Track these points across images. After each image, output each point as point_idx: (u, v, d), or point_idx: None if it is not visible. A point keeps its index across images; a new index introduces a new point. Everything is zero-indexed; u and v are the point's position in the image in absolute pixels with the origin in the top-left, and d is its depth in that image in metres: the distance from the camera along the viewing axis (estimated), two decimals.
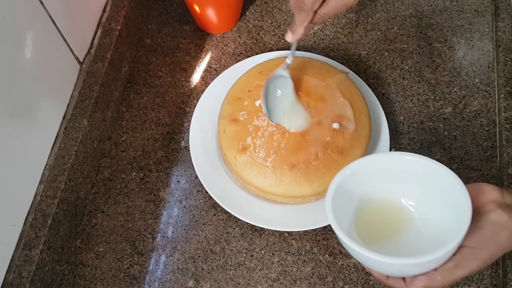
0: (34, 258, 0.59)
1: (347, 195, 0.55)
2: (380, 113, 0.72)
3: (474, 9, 0.84)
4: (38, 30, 0.61)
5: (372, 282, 0.63)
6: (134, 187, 0.71)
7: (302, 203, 0.66)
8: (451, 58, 0.79)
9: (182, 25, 0.85)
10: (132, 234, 0.68)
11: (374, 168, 0.57)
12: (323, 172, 0.64)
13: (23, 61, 0.59)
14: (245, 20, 0.85)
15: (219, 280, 0.64)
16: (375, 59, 0.80)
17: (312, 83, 0.68)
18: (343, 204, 0.54)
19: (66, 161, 0.65)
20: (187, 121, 0.76)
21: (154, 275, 0.65)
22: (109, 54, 0.73)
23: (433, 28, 0.82)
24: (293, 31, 0.59)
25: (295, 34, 0.59)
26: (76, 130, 0.67)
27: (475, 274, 0.63)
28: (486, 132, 0.72)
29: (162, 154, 0.74)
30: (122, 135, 0.75)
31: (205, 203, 0.70)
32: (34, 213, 0.62)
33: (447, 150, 0.72)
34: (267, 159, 0.64)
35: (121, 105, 0.78)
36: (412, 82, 0.78)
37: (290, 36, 0.60)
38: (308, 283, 0.64)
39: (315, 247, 0.66)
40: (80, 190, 0.68)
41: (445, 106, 0.75)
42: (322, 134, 0.64)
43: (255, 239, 0.67)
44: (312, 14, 0.56)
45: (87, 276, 0.66)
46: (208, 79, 0.80)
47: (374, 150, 0.69)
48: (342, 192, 0.54)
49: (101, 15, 0.77)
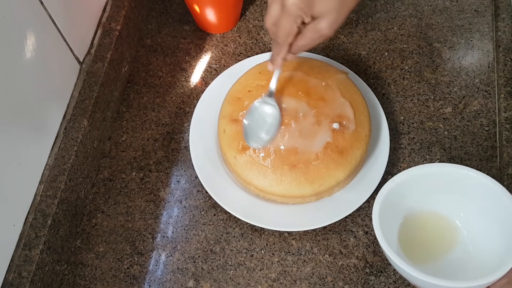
0: (34, 258, 0.59)
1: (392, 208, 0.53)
2: (380, 113, 0.72)
3: (474, 9, 0.84)
4: (38, 30, 0.61)
5: (372, 282, 0.63)
6: (134, 187, 0.71)
7: (302, 203, 0.66)
8: (451, 58, 0.79)
9: (182, 25, 0.85)
10: (132, 234, 0.68)
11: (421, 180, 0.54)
12: (323, 172, 0.64)
13: (23, 61, 0.59)
14: (245, 20, 0.85)
15: (219, 280, 0.64)
16: (375, 59, 0.80)
17: (312, 83, 0.68)
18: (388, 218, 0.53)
19: (66, 161, 0.65)
20: (187, 121, 0.76)
21: (154, 275, 0.65)
22: (109, 54, 0.73)
23: (433, 28, 0.82)
24: (272, 61, 0.59)
25: (274, 65, 0.60)
26: (76, 130, 0.67)
27: None
28: (486, 132, 0.72)
29: (162, 154, 0.74)
30: (122, 135, 0.75)
31: (205, 203, 0.70)
32: (34, 213, 0.62)
33: (447, 150, 0.72)
34: (267, 159, 0.64)
35: (121, 105, 0.78)
36: (412, 82, 0.78)
37: (270, 66, 0.60)
38: (308, 283, 0.64)
39: (315, 247, 0.66)
40: (80, 190, 0.68)
41: (445, 106, 0.75)
42: (322, 134, 0.64)
43: (255, 239, 0.67)
44: (287, 47, 0.55)
45: (87, 276, 0.66)
46: (208, 79, 0.80)
47: (374, 150, 0.69)
48: (387, 206, 0.53)
49: (101, 15, 0.77)
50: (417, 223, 0.56)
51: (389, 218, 0.53)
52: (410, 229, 0.55)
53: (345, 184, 0.67)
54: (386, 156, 0.69)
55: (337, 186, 0.65)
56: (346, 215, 0.65)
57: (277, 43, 0.56)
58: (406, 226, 0.55)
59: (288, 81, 0.68)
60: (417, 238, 0.55)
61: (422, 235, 0.56)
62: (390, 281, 0.63)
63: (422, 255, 0.54)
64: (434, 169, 0.55)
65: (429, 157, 0.71)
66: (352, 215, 0.67)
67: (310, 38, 0.53)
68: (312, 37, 0.53)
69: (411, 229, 0.55)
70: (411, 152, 0.72)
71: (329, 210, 0.66)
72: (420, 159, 0.71)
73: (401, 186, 0.53)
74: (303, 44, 0.54)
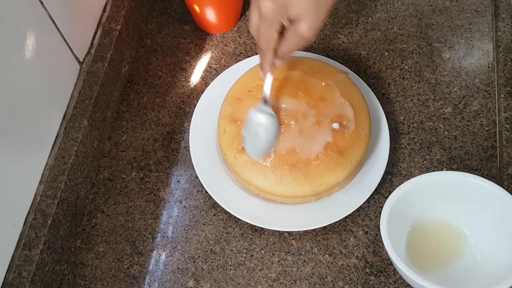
0: (34, 258, 0.59)
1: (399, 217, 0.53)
2: (380, 113, 0.72)
3: (474, 9, 0.84)
4: (38, 30, 0.61)
5: (372, 282, 0.63)
6: (134, 187, 0.71)
7: (302, 203, 0.66)
8: (451, 58, 0.79)
9: (182, 25, 0.85)
10: (132, 234, 0.68)
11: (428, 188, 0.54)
12: (323, 172, 0.64)
13: (23, 61, 0.59)
14: (245, 20, 0.85)
15: (219, 280, 0.64)
16: (375, 59, 0.80)
17: (312, 83, 0.68)
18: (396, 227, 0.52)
19: (66, 161, 0.65)
20: (187, 121, 0.76)
21: (154, 275, 0.65)
22: (109, 54, 0.73)
23: (433, 28, 0.82)
24: (261, 68, 0.60)
25: (263, 71, 0.60)
26: (76, 130, 0.67)
27: None
28: (486, 132, 0.72)
29: (162, 154, 0.74)
30: (122, 135, 0.75)
31: (205, 203, 0.70)
32: (34, 213, 0.62)
33: (447, 150, 0.72)
34: (267, 159, 0.64)
35: (121, 105, 0.78)
36: (412, 82, 0.78)
37: (261, 73, 0.61)
38: (308, 283, 0.64)
39: (315, 247, 0.66)
40: (80, 190, 0.68)
41: (445, 106, 0.75)
42: (322, 134, 0.64)
43: (255, 239, 0.67)
44: (271, 53, 0.55)
45: (87, 276, 0.66)
46: (208, 79, 0.80)
47: (374, 150, 0.69)
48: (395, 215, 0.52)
49: (101, 15, 0.77)
50: (425, 231, 0.56)
51: (397, 226, 0.53)
52: (417, 238, 0.55)
53: (345, 184, 0.67)
54: (386, 156, 0.69)
55: (337, 186, 0.65)
56: (346, 215, 0.65)
57: (261, 50, 0.56)
58: (414, 235, 0.55)
59: (288, 81, 0.68)
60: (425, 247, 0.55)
61: (429, 243, 0.56)
62: (390, 281, 0.63)
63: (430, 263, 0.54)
64: (440, 177, 0.55)
65: (429, 157, 0.71)
66: (352, 215, 0.67)
67: (293, 42, 0.53)
68: (294, 41, 0.53)
69: (418, 238, 0.55)
70: (411, 152, 0.72)
71: (329, 210, 0.66)
72: (420, 159, 0.71)
73: (408, 195, 0.53)
74: (287, 49, 0.54)
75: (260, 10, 0.51)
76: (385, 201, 0.56)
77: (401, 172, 0.70)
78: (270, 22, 0.51)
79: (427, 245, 0.55)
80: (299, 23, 0.51)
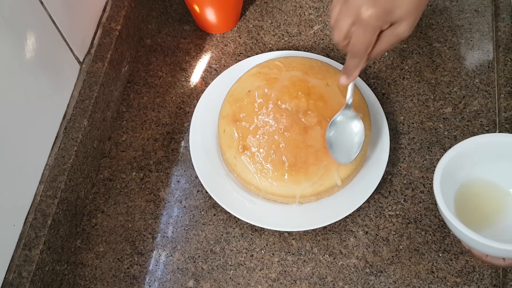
0: (34, 258, 0.59)
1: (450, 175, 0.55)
2: (380, 113, 0.72)
3: (474, 9, 0.84)
4: (38, 30, 0.61)
5: (372, 282, 0.64)
6: (134, 187, 0.71)
7: (302, 203, 0.66)
8: (451, 58, 0.79)
9: (182, 25, 0.85)
10: (132, 234, 0.68)
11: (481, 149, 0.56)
12: (323, 172, 0.64)
13: (23, 61, 0.59)
14: (245, 20, 0.85)
15: (219, 280, 0.64)
16: (375, 59, 0.80)
17: (312, 83, 0.68)
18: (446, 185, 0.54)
19: (66, 161, 0.65)
20: (187, 121, 0.76)
21: (154, 275, 0.65)
22: (109, 54, 0.73)
23: (433, 28, 0.82)
24: (348, 75, 0.57)
25: (350, 78, 0.57)
26: (76, 130, 0.67)
27: (475, 274, 0.63)
28: (486, 132, 0.72)
29: (162, 154, 0.74)
30: (122, 135, 0.75)
31: (205, 203, 0.70)
32: (34, 213, 0.62)
33: (447, 150, 0.71)
34: (267, 159, 0.64)
35: (121, 105, 0.78)
36: (412, 82, 0.78)
37: (345, 80, 0.57)
38: (308, 283, 0.64)
39: (315, 247, 0.66)
40: (80, 190, 0.68)
41: (445, 106, 0.75)
42: (322, 134, 0.64)
43: (255, 239, 0.67)
44: (366, 58, 0.54)
45: (87, 276, 0.66)
46: (208, 79, 0.80)
47: (374, 150, 0.69)
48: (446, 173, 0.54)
49: (101, 15, 0.77)
50: (473, 190, 0.58)
51: (447, 185, 0.55)
52: (466, 196, 0.57)
53: (345, 184, 0.67)
54: (386, 156, 0.69)
55: (337, 186, 0.65)
56: (346, 215, 0.65)
57: (354, 56, 0.54)
58: (462, 193, 0.57)
59: (288, 81, 0.68)
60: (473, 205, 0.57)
61: (477, 201, 0.58)
62: (390, 281, 0.63)
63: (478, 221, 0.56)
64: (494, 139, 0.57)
65: (429, 157, 0.71)
66: (352, 215, 0.67)
67: (388, 43, 0.52)
68: (389, 42, 0.52)
69: (467, 196, 0.57)
70: (411, 152, 0.72)
71: (329, 210, 0.66)
72: (420, 159, 0.71)
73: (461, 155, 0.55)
74: (382, 50, 0.53)
75: (361, 17, 0.49)
76: (385, 201, 0.56)
77: (401, 172, 0.70)
78: (373, 29, 0.50)
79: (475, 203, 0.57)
80: (400, 24, 0.50)
